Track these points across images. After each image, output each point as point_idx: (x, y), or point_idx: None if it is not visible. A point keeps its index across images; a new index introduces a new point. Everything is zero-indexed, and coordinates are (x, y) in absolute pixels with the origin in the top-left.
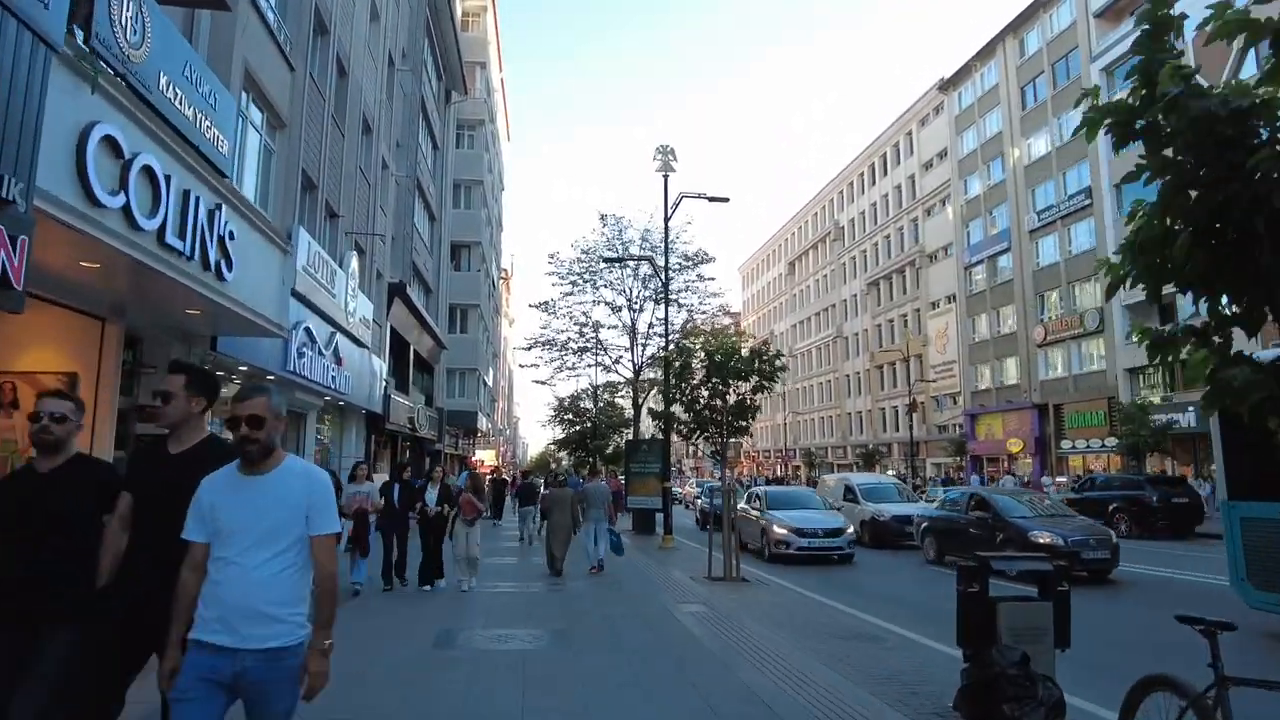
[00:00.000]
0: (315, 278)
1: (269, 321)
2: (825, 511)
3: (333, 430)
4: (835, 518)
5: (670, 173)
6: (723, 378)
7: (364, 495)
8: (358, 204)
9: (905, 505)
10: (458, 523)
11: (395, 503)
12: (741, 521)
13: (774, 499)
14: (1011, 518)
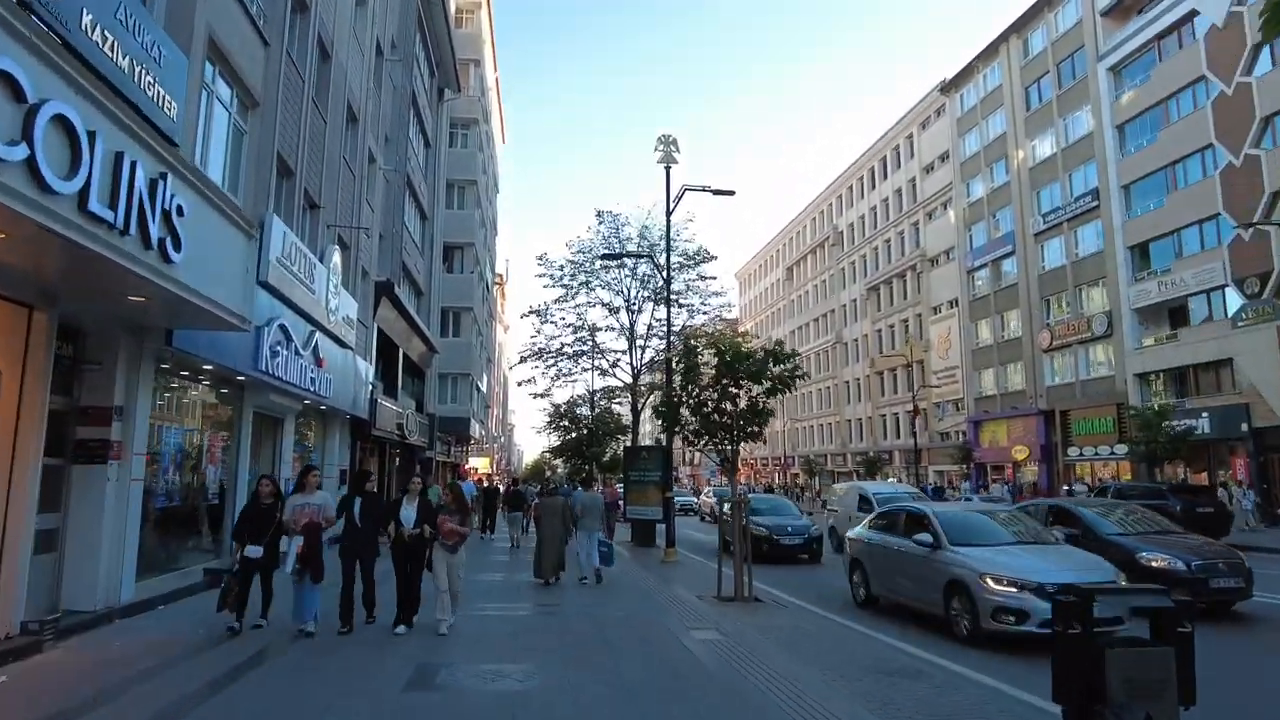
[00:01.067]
0: (291, 271)
1: (230, 313)
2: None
3: (315, 436)
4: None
5: (672, 164)
6: (734, 379)
7: (314, 508)
8: (341, 196)
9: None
10: (437, 549)
11: (357, 521)
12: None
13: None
14: (1109, 535)
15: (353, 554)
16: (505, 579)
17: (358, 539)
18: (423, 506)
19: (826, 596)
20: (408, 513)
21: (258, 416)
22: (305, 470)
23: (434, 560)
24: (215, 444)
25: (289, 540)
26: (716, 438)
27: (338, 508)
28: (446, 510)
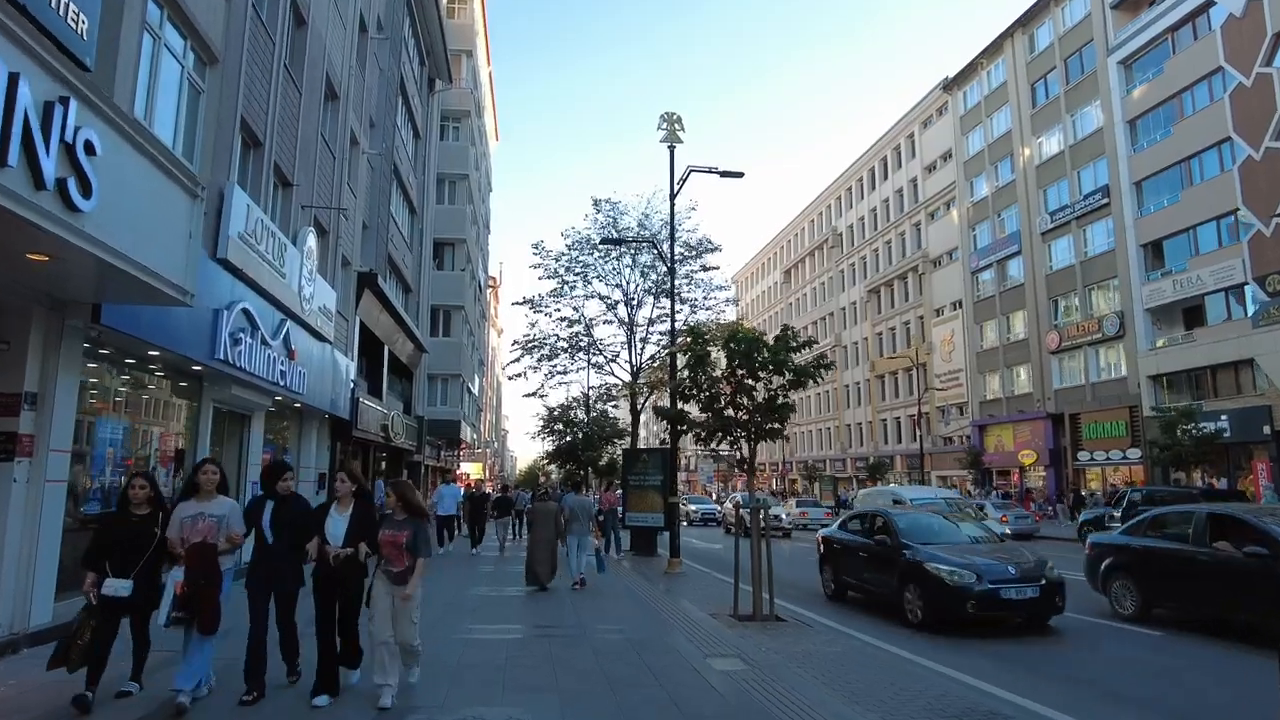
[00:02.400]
0: (257, 250)
1: (166, 283)
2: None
3: (290, 436)
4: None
5: (676, 143)
6: (749, 370)
7: (210, 522)
8: (319, 177)
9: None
10: (378, 578)
11: (267, 535)
12: None
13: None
14: None
15: (263, 584)
16: (493, 593)
17: (270, 562)
18: (359, 516)
19: (854, 613)
20: (336, 524)
21: (219, 413)
22: (199, 467)
23: (373, 595)
24: (167, 442)
25: (167, 575)
26: (731, 436)
27: (248, 512)
28: (390, 522)
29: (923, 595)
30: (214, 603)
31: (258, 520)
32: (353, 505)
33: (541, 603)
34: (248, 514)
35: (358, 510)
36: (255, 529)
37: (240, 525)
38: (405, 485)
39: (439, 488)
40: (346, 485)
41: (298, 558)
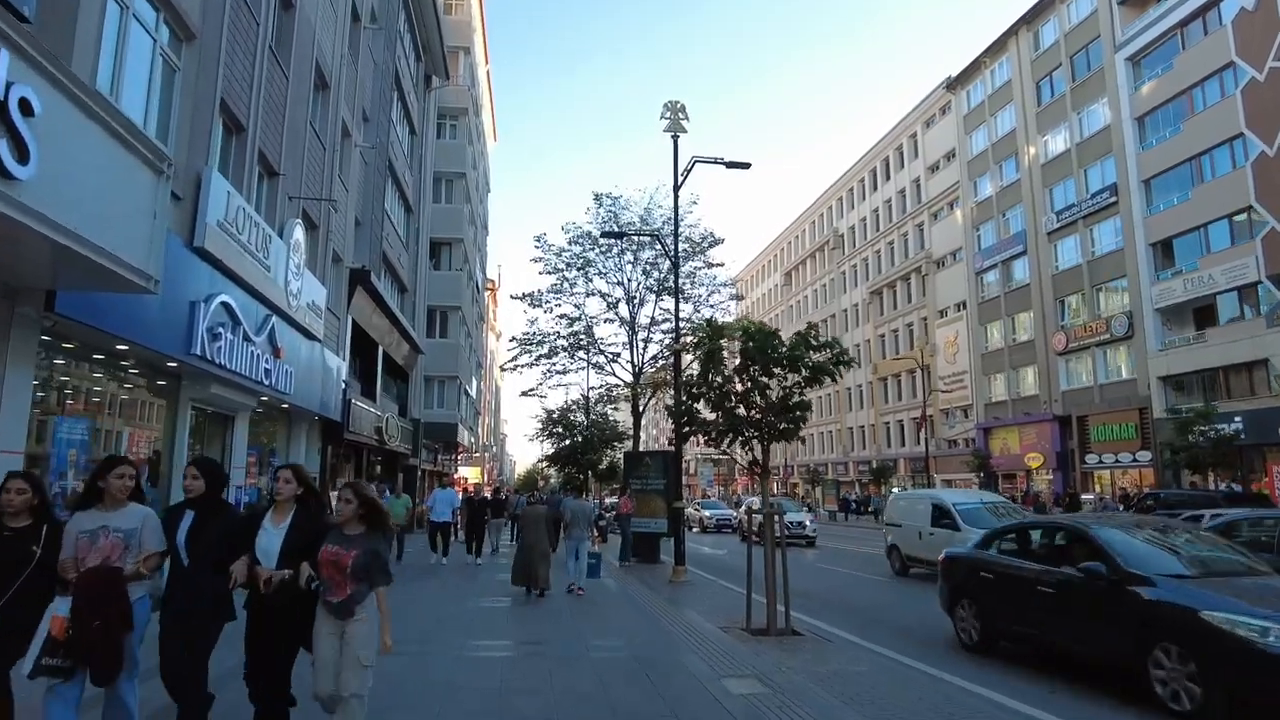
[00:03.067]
0: (239, 240)
1: (126, 267)
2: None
3: (277, 438)
4: None
5: (681, 133)
6: (764, 366)
7: (116, 538)
8: (308, 168)
9: None
10: (320, 612)
11: (183, 556)
12: None
13: None
14: None
15: (181, 618)
16: (489, 604)
17: (186, 591)
18: (298, 527)
19: (873, 626)
20: (269, 538)
21: (199, 413)
22: (107, 464)
23: (316, 633)
24: (139, 443)
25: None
26: (744, 436)
27: (167, 520)
28: (337, 535)
29: (1205, 667)
30: (113, 646)
31: (173, 536)
32: (291, 513)
33: (539, 614)
34: (169, 520)
35: (297, 520)
36: (171, 550)
37: (157, 541)
38: (361, 488)
39: (433, 492)
40: (290, 486)
41: (220, 584)
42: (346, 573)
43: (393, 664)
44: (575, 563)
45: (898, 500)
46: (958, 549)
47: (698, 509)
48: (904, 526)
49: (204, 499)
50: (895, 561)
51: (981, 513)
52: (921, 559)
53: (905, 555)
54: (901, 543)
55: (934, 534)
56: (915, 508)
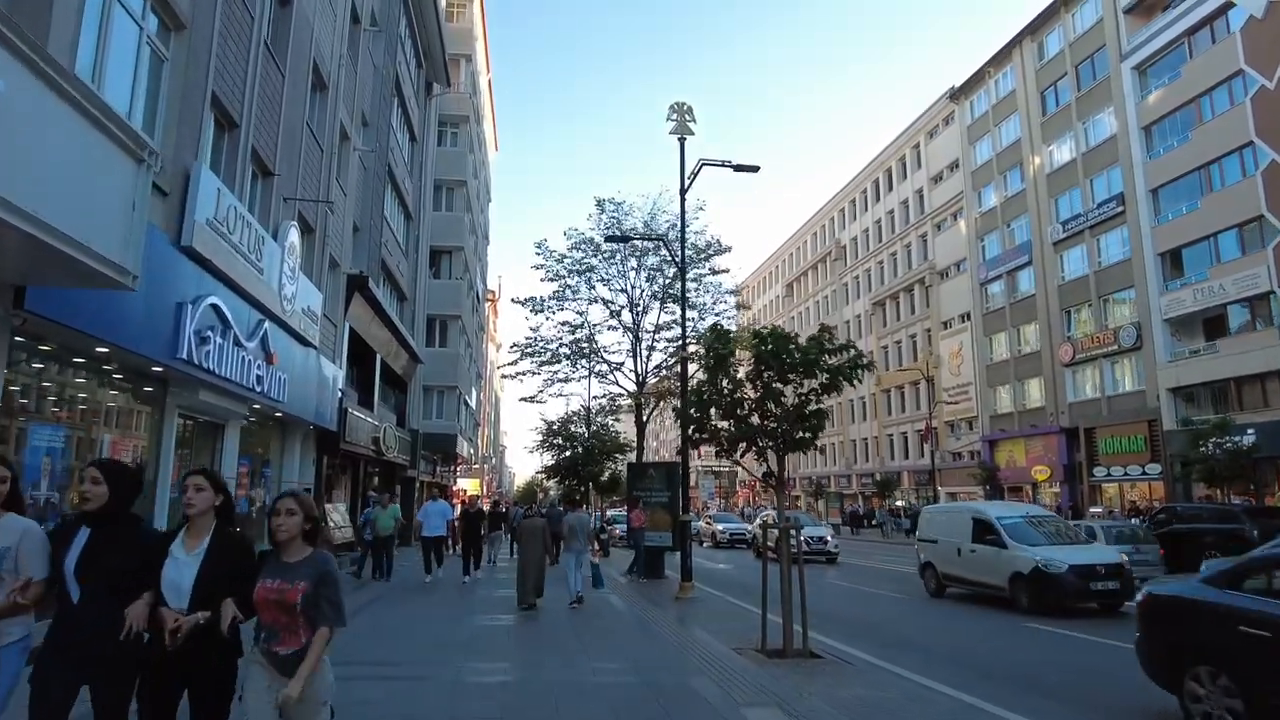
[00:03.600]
0: (230, 240)
1: (97, 258)
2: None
3: (271, 449)
4: None
5: (688, 135)
6: (779, 372)
7: None
8: (305, 169)
9: (1088, 550)
10: (252, 665)
11: (70, 588)
12: None
13: None
14: None
15: (63, 672)
16: (488, 622)
17: (76, 634)
18: (219, 553)
19: (894, 646)
20: (179, 570)
21: (187, 421)
22: None
23: (247, 694)
24: (120, 451)
25: None
26: (758, 446)
27: (55, 537)
28: (275, 566)
29: None
30: None
31: (60, 559)
32: (210, 535)
33: (541, 633)
34: (57, 538)
35: (217, 543)
36: (56, 581)
37: (38, 566)
38: (303, 497)
39: (425, 504)
40: (204, 495)
41: (119, 628)
42: (296, 612)
43: (384, 692)
44: (576, 575)
45: (933, 515)
46: (1173, 587)
47: (710, 522)
48: (940, 543)
49: (105, 512)
50: (930, 581)
51: (1026, 527)
52: (960, 578)
53: (942, 574)
54: (937, 560)
55: (975, 551)
56: (953, 522)
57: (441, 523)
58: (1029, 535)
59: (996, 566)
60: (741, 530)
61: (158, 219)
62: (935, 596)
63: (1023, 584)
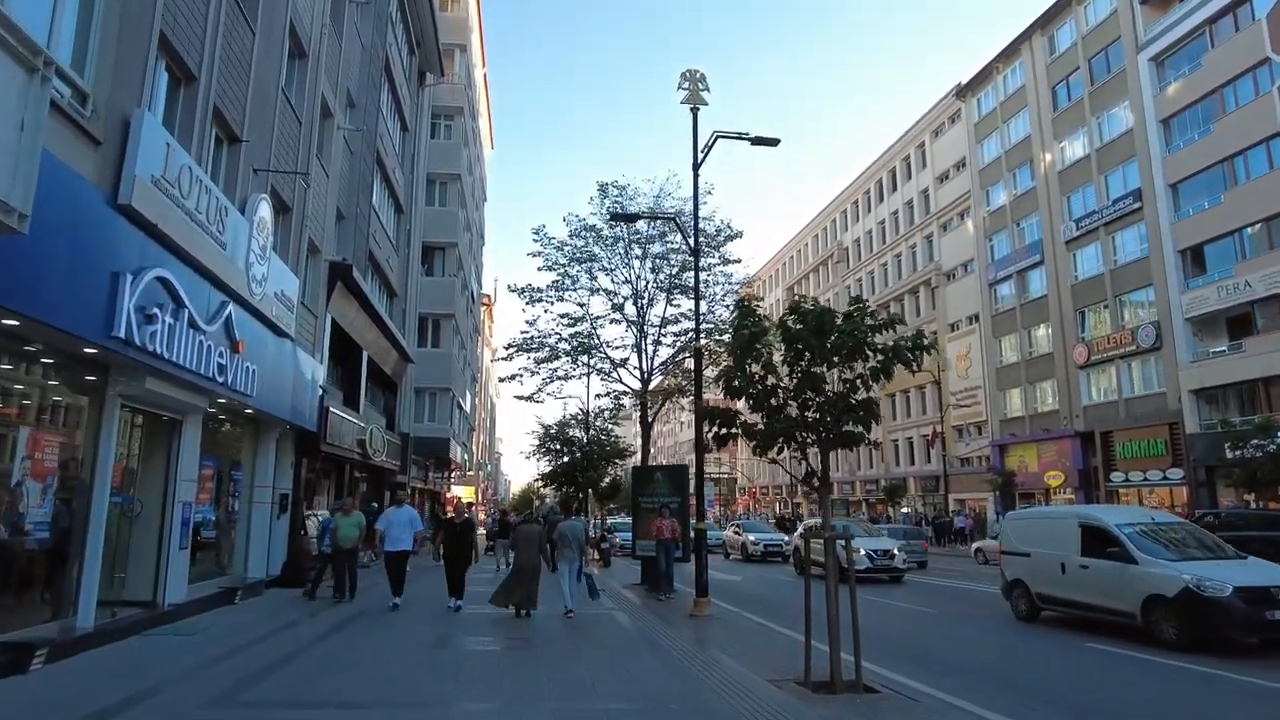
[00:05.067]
0: (183, 205)
1: None
2: None
3: (241, 449)
4: None
5: (701, 105)
6: (820, 354)
7: None
8: (281, 141)
9: (1256, 569)
10: None
11: None
12: None
13: None
14: None
15: None
16: (480, 647)
17: None
18: None
19: (962, 676)
20: None
21: (133, 413)
22: None
23: None
24: (44, 448)
25: None
26: (795, 442)
27: None
28: None
29: None
30: None
31: None
32: None
33: (539, 659)
34: None
35: None
36: None
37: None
38: None
39: (386, 512)
40: None
41: None
42: None
43: None
44: (570, 585)
45: (1024, 522)
46: None
47: (738, 531)
48: (1034, 556)
49: None
50: (1019, 602)
51: (1156, 537)
52: (1065, 600)
53: (1037, 594)
54: (1031, 577)
55: (1088, 567)
56: (1053, 531)
57: (408, 535)
58: (1162, 547)
59: (1121, 587)
60: (777, 541)
61: (87, 170)
62: (1026, 620)
63: (1165, 611)
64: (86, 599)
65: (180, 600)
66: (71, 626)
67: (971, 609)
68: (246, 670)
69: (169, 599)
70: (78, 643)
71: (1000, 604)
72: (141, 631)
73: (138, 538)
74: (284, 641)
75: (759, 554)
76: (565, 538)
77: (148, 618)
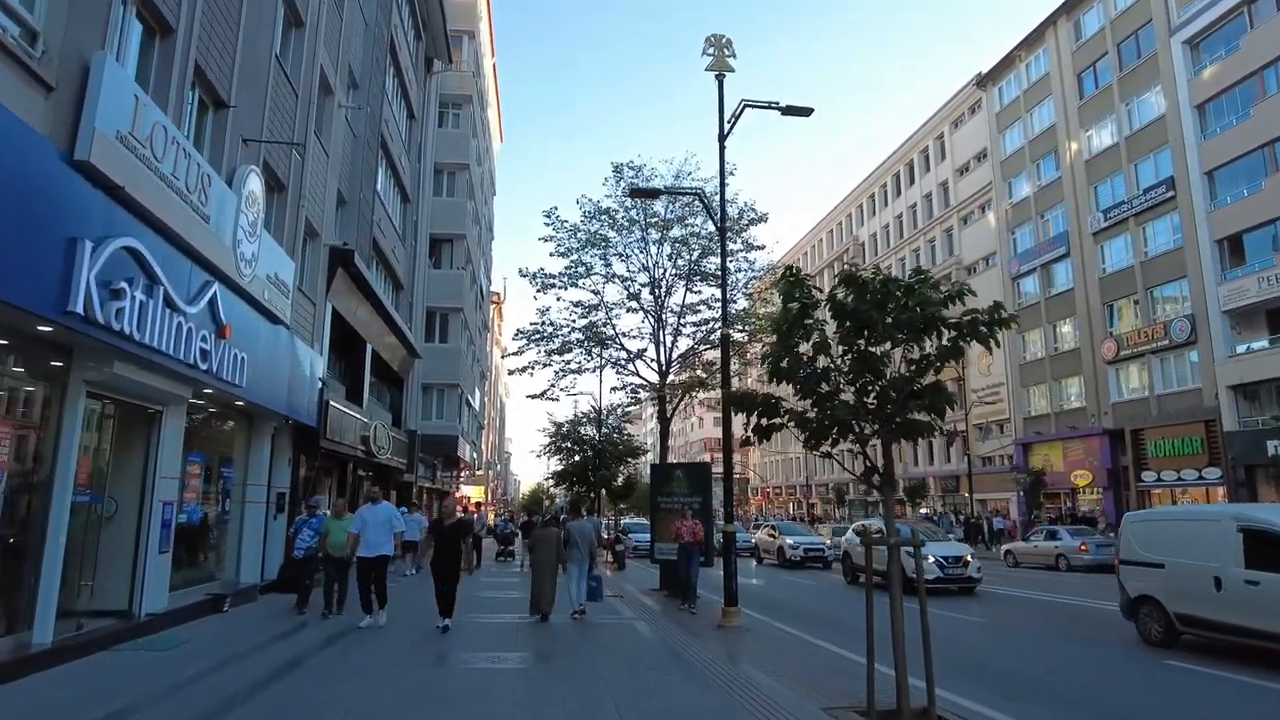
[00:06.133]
0: (157, 169)
1: None
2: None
3: (233, 445)
4: None
5: (727, 71)
6: (885, 334)
7: None
8: (274, 112)
9: None
10: None
11: None
12: None
13: None
14: None
15: None
16: (487, 665)
17: None
18: None
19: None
20: None
21: (104, 403)
22: None
23: None
24: None
25: None
26: (854, 433)
27: None
28: None
29: None
30: None
31: None
32: None
33: (556, 680)
34: None
35: None
36: None
37: None
38: None
39: (359, 511)
40: None
41: None
42: None
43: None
44: (578, 586)
45: (1155, 525)
46: None
47: (774, 534)
48: (1172, 567)
49: None
50: (1151, 624)
51: None
52: (1222, 624)
53: (1176, 614)
54: (1168, 594)
55: (1259, 583)
56: (1201, 537)
57: (386, 538)
58: None
59: None
60: (819, 545)
61: (36, 119)
62: (1161, 646)
63: None
64: (44, 611)
65: (160, 610)
66: (26, 642)
67: (1072, 628)
68: (223, 692)
69: (146, 609)
70: (31, 661)
71: (1110, 623)
72: (111, 646)
73: (110, 541)
74: (271, 656)
75: (799, 559)
76: (575, 539)
77: (120, 630)
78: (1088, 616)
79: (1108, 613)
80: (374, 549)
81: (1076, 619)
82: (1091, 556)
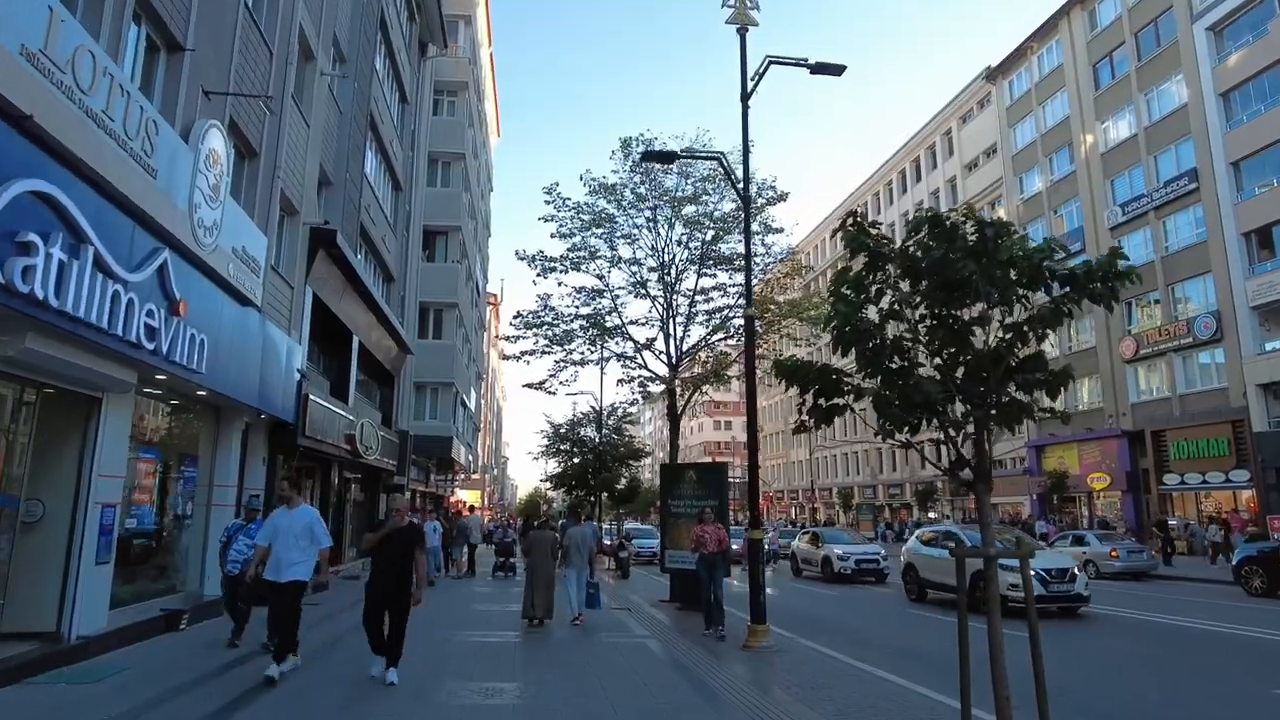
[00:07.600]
0: (83, 103)
1: None
2: None
3: (197, 441)
4: None
5: (750, 25)
6: (971, 290)
7: None
8: (243, 65)
9: None
10: None
11: None
12: None
13: None
14: None
15: None
16: (476, 699)
17: None
18: None
19: None
20: None
21: (21, 386)
22: None
23: None
24: None
25: None
26: (938, 415)
27: None
28: None
29: None
30: None
31: None
32: None
33: (557, 711)
34: None
35: None
36: None
37: None
38: None
39: (270, 516)
40: None
41: None
42: None
43: None
44: (578, 592)
45: None
46: None
47: (815, 542)
48: None
49: None
50: None
51: None
52: None
53: None
54: None
55: None
56: None
57: (304, 554)
58: None
59: None
60: (873, 555)
61: None
62: None
63: None
64: None
65: (96, 631)
66: None
67: (1185, 655)
68: None
69: (79, 630)
70: None
71: (1230, 647)
72: (24, 679)
73: (34, 550)
74: (222, 687)
75: (849, 572)
76: (574, 544)
77: (40, 657)
78: (1249, 647)
79: (1211, 634)
80: (283, 570)
81: (1188, 640)
82: (1123, 563)
